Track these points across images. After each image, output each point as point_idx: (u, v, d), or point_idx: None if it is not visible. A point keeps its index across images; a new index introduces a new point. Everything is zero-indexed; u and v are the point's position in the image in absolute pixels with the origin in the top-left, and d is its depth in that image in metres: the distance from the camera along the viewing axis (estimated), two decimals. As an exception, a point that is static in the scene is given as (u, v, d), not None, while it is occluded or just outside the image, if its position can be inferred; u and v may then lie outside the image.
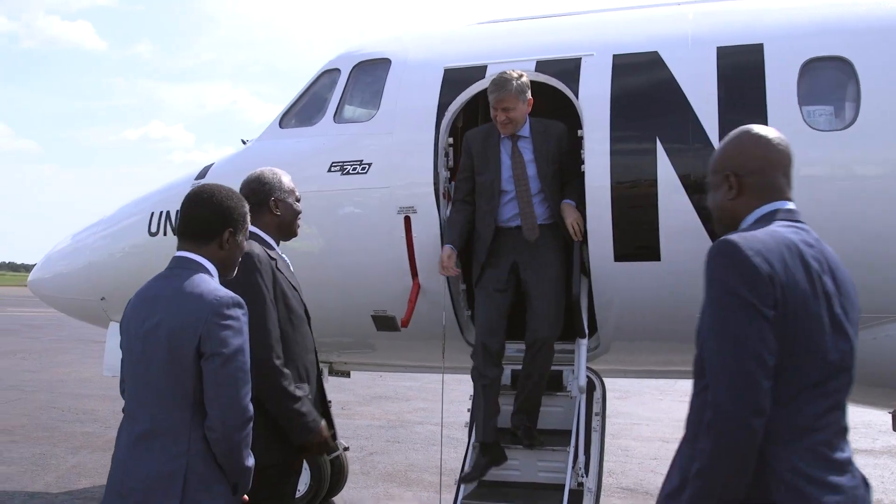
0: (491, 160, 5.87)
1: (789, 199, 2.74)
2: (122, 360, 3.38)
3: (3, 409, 12.89)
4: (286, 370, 4.06)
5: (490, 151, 5.89)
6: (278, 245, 4.45)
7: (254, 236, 4.25)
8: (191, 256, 3.35)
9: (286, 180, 4.49)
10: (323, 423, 4.23)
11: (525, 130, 5.89)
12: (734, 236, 2.53)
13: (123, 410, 3.39)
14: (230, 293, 3.23)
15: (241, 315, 3.22)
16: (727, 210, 2.79)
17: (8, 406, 13.23)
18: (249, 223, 3.55)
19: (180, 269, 3.33)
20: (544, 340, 5.65)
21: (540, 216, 5.82)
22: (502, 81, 5.72)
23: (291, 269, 4.47)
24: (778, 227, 2.61)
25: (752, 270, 2.44)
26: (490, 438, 5.66)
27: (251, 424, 3.23)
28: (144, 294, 3.35)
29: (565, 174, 5.94)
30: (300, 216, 4.57)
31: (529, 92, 5.79)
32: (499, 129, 5.85)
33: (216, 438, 3.14)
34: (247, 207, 3.51)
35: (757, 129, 2.81)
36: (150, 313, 3.24)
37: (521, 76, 5.76)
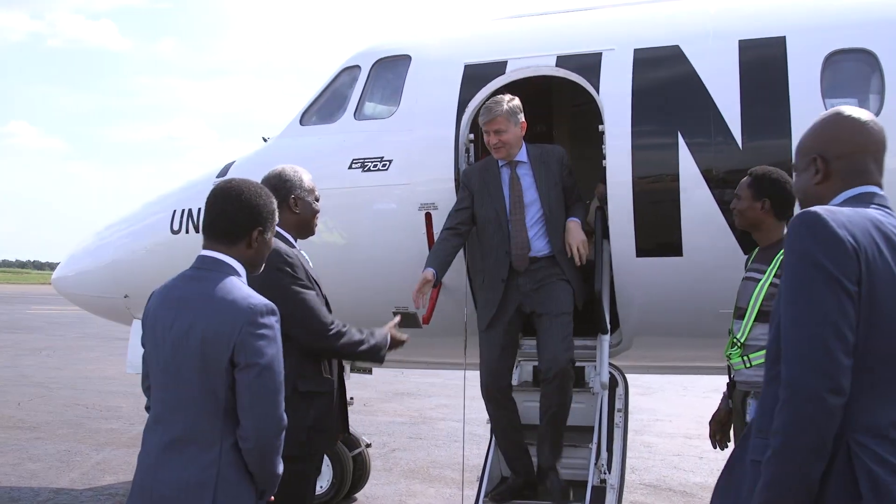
0: (493, 192, 5.73)
1: (879, 185, 2.64)
2: (146, 359, 3.32)
3: (29, 407, 13.00)
4: (341, 329, 4.30)
5: (491, 183, 5.75)
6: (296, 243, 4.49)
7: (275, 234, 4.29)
8: (218, 257, 3.24)
9: (307, 179, 4.51)
10: (387, 328, 4.59)
11: (522, 155, 5.76)
12: (818, 208, 2.44)
13: (147, 409, 3.35)
14: (263, 300, 3.14)
15: (274, 322, 3.13)
16: (812, 194, 2.69)
17: (33, 403, 13.35)
18: (277, 219, 3.45)
19: (208, 270, 3.22)
20: (561, 370, 5.48)
21: (541, 249, 5.67)
22: (492, 104, 5.62)
23: (310, 264, 4.49)
24: (865, 208, 2.51)
25: (836, 242, 2.35)
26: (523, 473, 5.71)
27: (284, 433, 3.17)
28: (170, 294, 3.25)
29: (568, 196, 5.81)
30: (318, 215, 4.60)
31: (522, 115, 5.69)
32: (495, 157, 5.74)
33: (249, 448, 3.08)
34: (275, 204, 3.40)
35: (848, 110, 2.71)
36: (178, 316, 3.14)
37: (512, 99, 5.67)
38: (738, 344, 4.68)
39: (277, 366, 3.11)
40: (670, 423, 12.24)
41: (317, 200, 4.56)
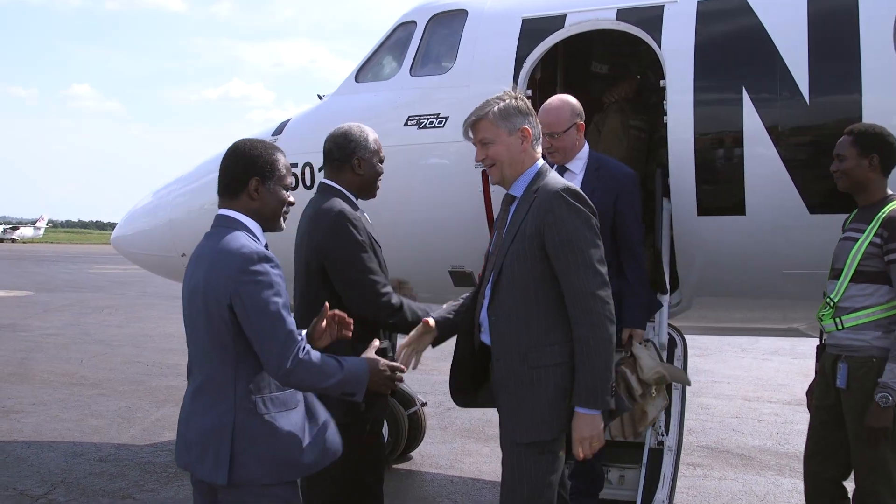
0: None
1: None
2: None
3: (91, 364, 13.26)
4: (393, 302, 4.21)
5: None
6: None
7: (338, 193, 4.33)
8: (228, 213, 3.39)
9: (372, 139, 4.45)
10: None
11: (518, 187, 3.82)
12: None
13: None
14: (257, 248, 3.22)
15: (269, 269, 3.20)
16: None
17: (95, 360, 13.60)
18: (284, 171, 3.44)
19: (220, 227, 3.37)
20: None
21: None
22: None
23: (371, 226, 4.46)
24: None
25: None
26: None
27: (298, 351, 3.16)
28: (194, 252, 3.44)
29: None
30: (381, 177, 4.54)
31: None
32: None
33: (282, 385, 3.26)
34: (277, 155, 3.42)
35: None
36: (192, 274, 3.33)
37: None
38: (831, 305, 4.53)
39: (272, 306, 3.15)
40: (728, 385, 12.11)
41: (381, 162, 4.50)
